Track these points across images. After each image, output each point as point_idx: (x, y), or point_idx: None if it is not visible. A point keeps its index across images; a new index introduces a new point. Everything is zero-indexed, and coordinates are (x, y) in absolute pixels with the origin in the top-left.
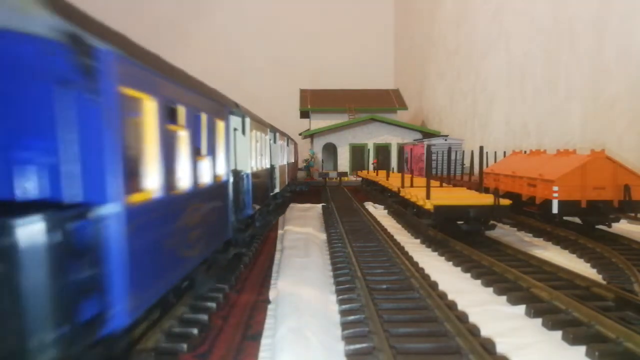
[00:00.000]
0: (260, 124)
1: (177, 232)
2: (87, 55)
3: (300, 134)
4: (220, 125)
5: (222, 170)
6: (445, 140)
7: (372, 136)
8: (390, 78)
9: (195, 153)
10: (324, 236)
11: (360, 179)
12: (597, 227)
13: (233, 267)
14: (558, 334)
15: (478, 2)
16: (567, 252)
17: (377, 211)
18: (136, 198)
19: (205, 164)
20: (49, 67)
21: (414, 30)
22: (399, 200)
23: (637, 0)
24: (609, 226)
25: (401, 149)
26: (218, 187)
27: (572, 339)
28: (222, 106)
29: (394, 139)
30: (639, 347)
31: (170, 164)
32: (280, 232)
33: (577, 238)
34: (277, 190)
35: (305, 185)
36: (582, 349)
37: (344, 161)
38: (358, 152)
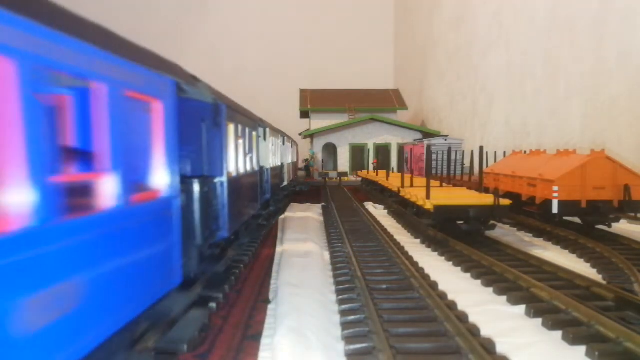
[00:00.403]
0: (275, 132)
1: (240, 197)
2: (217, 108)
3: (300, 134)
4: (254, 134)
5: (255, 164)
6: (445, 140)
7: (372, 136)
8: (390, 78)
9: (245, 153)
10: (324, 236)
11: (360, 179)
12: (597, 227)
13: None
14: (558, 334)
15: (478, 2)
16: (567, 252)
17: (377, 211)
18: (229, 174)
19: (248, 159)
20: (203, 114)
21: (414, 30)
22: (399, 200)
23: (637, 0)
24: (609, 226)
25: (401, 149)
26: (254, 175)
27: (572, 339)
28: (254, 122)
29: (394, 139)
30: (639, 347)
31: (237, 158)
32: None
33: (577, 238)
34: (285, 183)
35: (305, 185)
36: (582, 349)
37: (344, 161)
38: (358, 152)
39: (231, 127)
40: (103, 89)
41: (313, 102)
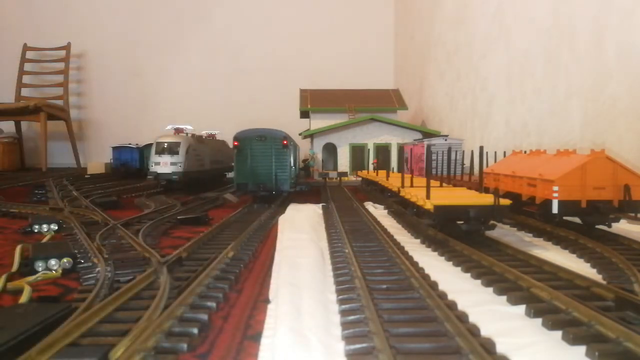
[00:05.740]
0: (294, 142)
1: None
2: (289, 143)
3: (300, 134)
4: (292, 149)
5: (293, 163)
6: (445, 140)
7: (372, 136)
8: (390, 78)
9: (294, 158)
10: (324, 236)
11: (360, 179)
12: (597, 227)
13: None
14: (558, 333)
15: (478, 2)
16: (567, 252)
17: (377, 211)
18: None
19: (293, 160)
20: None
21: (414, 30)
22: (399, 200)
23: (637, 0)
24: (609, 226)
25: (401, 149)
26: (294, 168)
27: (572, 339)
28: (291, 140)
29: (394, 139)
30: (639, 347)
31: (292, 160)
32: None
33: (577, 238)
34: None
35: (305, 185)
36: (582, 349)
37: (344, 161)
38: (358, 152)
39: (290, 148)
40: (292, 148)
41: (313, 102)
